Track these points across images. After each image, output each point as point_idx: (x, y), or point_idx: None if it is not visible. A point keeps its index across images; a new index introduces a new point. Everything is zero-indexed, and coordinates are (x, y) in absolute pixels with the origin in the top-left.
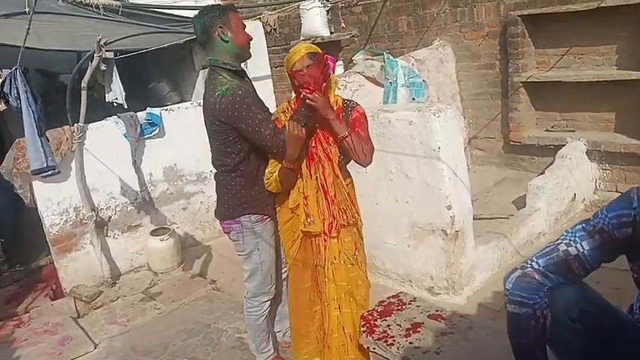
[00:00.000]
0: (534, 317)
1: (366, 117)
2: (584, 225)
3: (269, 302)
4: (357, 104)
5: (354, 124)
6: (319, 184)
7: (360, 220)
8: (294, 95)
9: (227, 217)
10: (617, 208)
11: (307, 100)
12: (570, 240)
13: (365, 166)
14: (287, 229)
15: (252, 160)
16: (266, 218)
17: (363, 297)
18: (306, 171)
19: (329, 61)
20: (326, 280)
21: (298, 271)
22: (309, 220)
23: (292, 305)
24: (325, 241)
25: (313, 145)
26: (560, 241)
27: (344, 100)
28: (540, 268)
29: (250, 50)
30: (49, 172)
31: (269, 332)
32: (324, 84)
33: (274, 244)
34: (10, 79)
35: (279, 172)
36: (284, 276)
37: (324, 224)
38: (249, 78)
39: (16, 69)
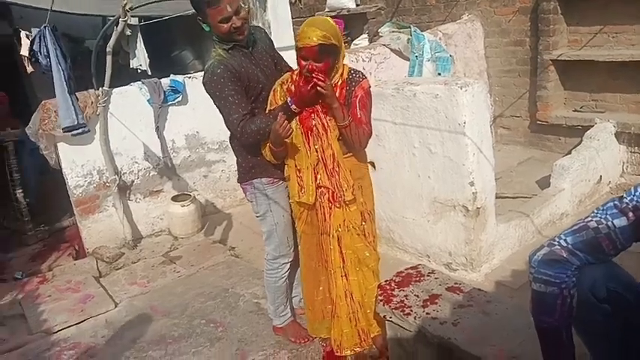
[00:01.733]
0: (561, 296)
1: (370, 94)
2: (616, 202)
3: (289, 264)
4: (364, 77)
5: (355, 103)
6: (319, 156)
7: (372, 193)
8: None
9: (241, 180)
10: None
11: (318, 88)
12: (601, 217)
13: (357, 150)
14: (294, 203)
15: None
16: (277, 181)
17: (371, 268)
18: (305, 144)
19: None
20: (331, 247)
21: (306, 240)
22: (302, 191)
23: (301, 274)
24: (330, 209)
25: (312, 117)
26: (590, 218)
27: (350, 70)
28: (569, 245)
29: (239, 37)
30: (79, 130)
31: (288, 297)
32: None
33: (288, 207)
34: (40, 38)
35: (268, 147)
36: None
37: (329, 193)
38: (261, 43)
39: (45, 27)
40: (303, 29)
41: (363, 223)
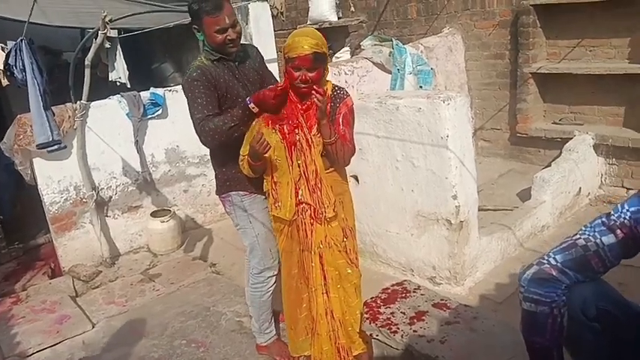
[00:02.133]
0: (551, 316)
1: (353, 112)
2: (604, 220)
3: (274, 278)
4: (347, 95)
5: (339, 121)
6: (301, 171)
7: (352, 209)
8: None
9: (218, 192)
10: (639, 202)
11: (316, 100)
12: (590, 235)
13: (340, 167)
14: (274, 218)
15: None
16: (254, 194)
17: (353, 284)
18: (288, 158)
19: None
20: (312, 264)
21: (286, 258)
22: (276, 204)
23: (283, 292)
24: (312, 225)
25: (297, 132)
26: (578, 236)
27: (334, 87)
28: (558, 264)
29: (231, 47)
30: (55, 147)
31: (272, 313)
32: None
33: (268, 219)
34: (16, 51)
35: (247, 161)
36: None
37: (310, 209)
38: (250, 60)
39: (21, 40)
40: (294, 39)
41: (345, 239)
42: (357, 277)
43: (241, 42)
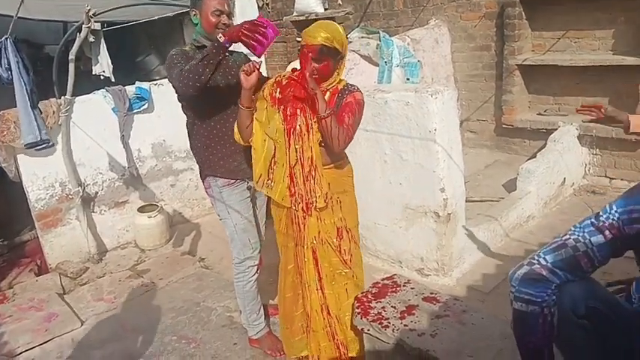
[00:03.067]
0: (542, 315)
1: (360, 104)
2: (593, 220)
3: (255, 267)
4: (358, 90)
5: (343, 108)
6: (298, 156)
7: (354, 212)
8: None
9: (201, 178)
10: (627, 203)
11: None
12: (579, 235)
13: (334, 151)
14: (273, 209)
15: (204, 123)
16: (233, 182)
17: (342, 286)
18: (286, 141)
19: (269, 29)
20: (305, 259)
21: (283, 252)
22: (269, 183)
23: (279, 289)
24: (305, 219)
25: (298, 114)
26: (568, 236)
27: (347, 84)
28: (548, 264)
29: (225, 26)
30: (43, 146)
31: (260, 304)
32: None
33: (247, 209)
34: (1, 50)
35: (239, 113)
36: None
37: (303, 202)
38: (235, 58)
39: (6, 38)
40: (310, 28)
41: (339, 239)
42: (349, 278)
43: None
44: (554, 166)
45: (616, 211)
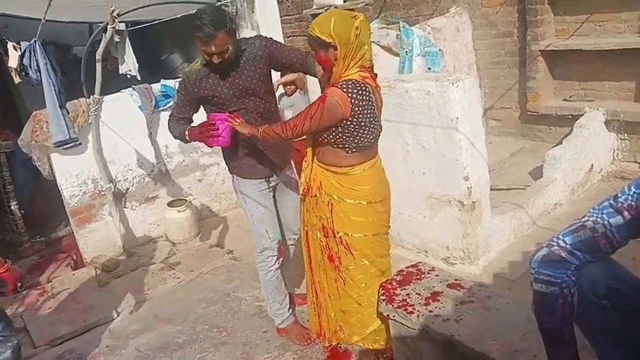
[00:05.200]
0: (562, 296)
1: (324, 101)
2: (611, 202)
3: (275, 258)
4: (341, 87)
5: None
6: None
7: (347, 220)
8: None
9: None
10: None
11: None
12: (597, 217)
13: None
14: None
15: None
16: (248, 179)
17: (333, 280)
18: None
19: (218, 123)
20: (302, 239)
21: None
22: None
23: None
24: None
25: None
26: (586, 218)
27: (346, 80)
28: (567, 245)
29: (216, 65)
30: (71, 144)
31: (285, 294)
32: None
33: (265, 200)
34: (30, 52)
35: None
36: (294, 238)
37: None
38: (247, 62)
39: (35, 41)
40: (316, 20)
41: (325, 237)
42: (338, 280)
43: (246, 37)
44: (580, 152)
45: (635, 192)
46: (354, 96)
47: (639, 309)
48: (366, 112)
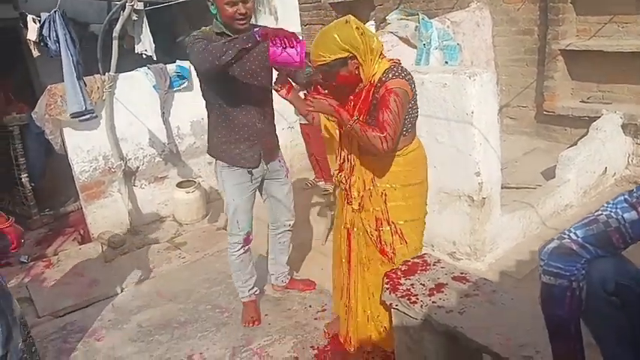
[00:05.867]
0: (570, 289)
1: (397, 93)
2: (626, 197)
3: (239, 246)
4: (394, 77)
5: (379, 104)
6: (346, 154)
7: (404, 208)
8: None
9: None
10: None
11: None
12: (611, 211)
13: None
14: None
15: (214, 110)
16: (232, 167)
17: (367, 280)
18: (336, 137)
19: (298, 46)
20: (340, 237)
21: (335, 227)
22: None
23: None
24: (349, 203)
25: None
26: (600, 212)
27: (385, 71)
28: (579, 239)
29: (241, 24)
30: (87, 116)
31: (250, 275)
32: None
33: (243, 192)
34: (50, 22)
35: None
36: (282, 230)
37: (346, 188)
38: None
39: (55, 12)
40: (314, 43)
41: (378, 230)
42: (379, 276)
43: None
44: (595, 154)
45: None
46: (406, 77)
47: None
48: (414, 87)
